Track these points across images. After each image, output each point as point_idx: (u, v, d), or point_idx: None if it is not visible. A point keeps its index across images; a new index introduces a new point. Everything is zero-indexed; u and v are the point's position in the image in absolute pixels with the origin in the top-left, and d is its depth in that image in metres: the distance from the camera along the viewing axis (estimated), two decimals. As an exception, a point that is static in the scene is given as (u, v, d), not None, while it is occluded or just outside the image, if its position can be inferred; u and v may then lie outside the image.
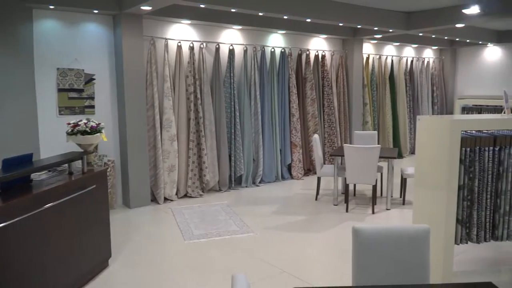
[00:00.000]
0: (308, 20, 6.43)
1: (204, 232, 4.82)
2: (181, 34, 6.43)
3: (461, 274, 3.58)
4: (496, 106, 7.85)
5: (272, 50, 7.39)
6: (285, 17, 6.20)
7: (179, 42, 6.28)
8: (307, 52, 7.95)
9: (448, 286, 1.96)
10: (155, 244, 4.47)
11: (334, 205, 5.90)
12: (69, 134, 5.08)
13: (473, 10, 6.20)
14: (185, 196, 6.39)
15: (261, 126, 7.17)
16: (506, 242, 4.31)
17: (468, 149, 3.09)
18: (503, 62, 10.42)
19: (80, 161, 3.75)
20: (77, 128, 5.03)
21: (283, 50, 7.49)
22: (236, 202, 6.10)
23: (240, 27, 6.85)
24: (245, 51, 7.01)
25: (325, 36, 8.14)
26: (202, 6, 5.36)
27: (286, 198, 6.34)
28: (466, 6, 6.27)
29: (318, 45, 8.31)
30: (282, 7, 5.89)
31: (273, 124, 7.36)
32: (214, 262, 4.02)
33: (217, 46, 6.68)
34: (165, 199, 6.17)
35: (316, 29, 7.64)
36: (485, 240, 3.20)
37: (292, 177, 7.64)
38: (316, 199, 6.21)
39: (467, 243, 3.18)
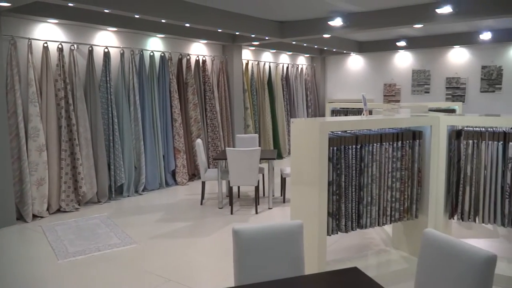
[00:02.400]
0: (187, 25, 6.42)
1: (81, 248, 4.47)
2: (48, 34, 5.89)
3: (334, 263, 3.91)
4: (359, 108, 8.79)
5: (151, 54, 7.20)
6: (163, 20, 6.10)
7: (46, 42, 5.74)
8: (188, 57, 7.93)
9: (320, 275, 2.12)
10: (21, 268, 4.00)
11: (219, 208, 5.98)
12: None
13: (337, 22, 6.87)
14: (59, 211, 5.85)
15: (142, 132, 6.92)
16: (369, 229, 4.85)
17: (335, 148, 3.40)
18: (364, 69, 11.74)
19: None
20: None
21: (162, 54, 7.35)
22: (117, 213, 5.78)
23: (115, 29, 6.53)
24: (122, 55, 6.71)
25: (205, 41, 8.22)
26: (70, 4, 4.98)
27: (171, 205, 6.22)
28: (331, 18, 6.92)
29: (199, 50, 8.35)
30: (160, 10, 5.78)
31: (155, 129, 7.17)
32: (94, 280, 3.74)
33: (90, 48, 6.27)
34: (34, 216, 5.56)
35: (196, 34, 7.67)
36: (352, 229, 3.55)
37: (176, 183, 7.52)
38: (201, 203, 6.22)
39: (337, 233, 3.49)
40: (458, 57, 10.20)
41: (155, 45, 7.44)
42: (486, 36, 9.06)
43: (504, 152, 3.57)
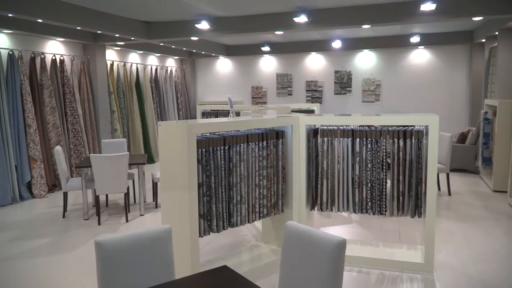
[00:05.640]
0: (40, 20, 5.80)
1: None
2: None
3: (208, 263, 3.94)
4: (229, 110, 9.07)
5: (-4, 51, 6.34)
6: (10, 15, 5.40)
7: None
8: (42, 56, 7.17)
9: (190, 277, 2.12)
10: None
11: (85, 219, 5.54)
12: None
13: (204, 25, 6.95)
14: None
15: (-13, 141, 6.04)
16: (240, 227, 5.02)
17: (204, 149, 3.43)
18: (232, 72, 12.11)
19: None
20: None
21: (11, 52, 6.52)
22: (-44, 236, 4.94)
23: None
24: (-43, 51, 5.76)
25: (62, 39, 7.54)
26: None
27: (27, 221, 5.55)
28: (198, 21, 6.97)
29: (55, 49, 7.62)
30: (4, 3, 5.11)
31: (5, 137, 6.31)
32: None
33: None
34: None
35: (51, 31, 6.98)
36: (224, 229, 3.62)
37: (33, 196, 6.74)
38: (63, 216, 5.68)
39: (209, 234, 3.53)
40: (315, 63, 11.21)
41: (1, 41, 6.56)
42: (337, 44, 10.14)
43: (353, 148, 4.03)
